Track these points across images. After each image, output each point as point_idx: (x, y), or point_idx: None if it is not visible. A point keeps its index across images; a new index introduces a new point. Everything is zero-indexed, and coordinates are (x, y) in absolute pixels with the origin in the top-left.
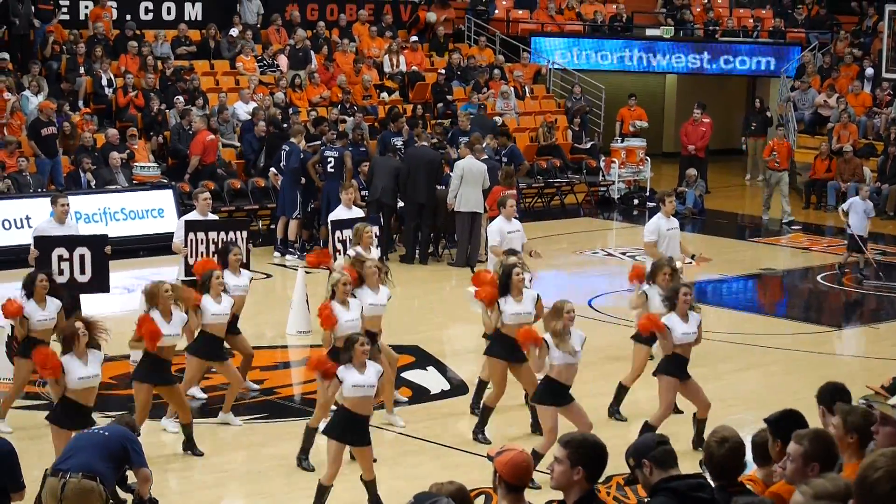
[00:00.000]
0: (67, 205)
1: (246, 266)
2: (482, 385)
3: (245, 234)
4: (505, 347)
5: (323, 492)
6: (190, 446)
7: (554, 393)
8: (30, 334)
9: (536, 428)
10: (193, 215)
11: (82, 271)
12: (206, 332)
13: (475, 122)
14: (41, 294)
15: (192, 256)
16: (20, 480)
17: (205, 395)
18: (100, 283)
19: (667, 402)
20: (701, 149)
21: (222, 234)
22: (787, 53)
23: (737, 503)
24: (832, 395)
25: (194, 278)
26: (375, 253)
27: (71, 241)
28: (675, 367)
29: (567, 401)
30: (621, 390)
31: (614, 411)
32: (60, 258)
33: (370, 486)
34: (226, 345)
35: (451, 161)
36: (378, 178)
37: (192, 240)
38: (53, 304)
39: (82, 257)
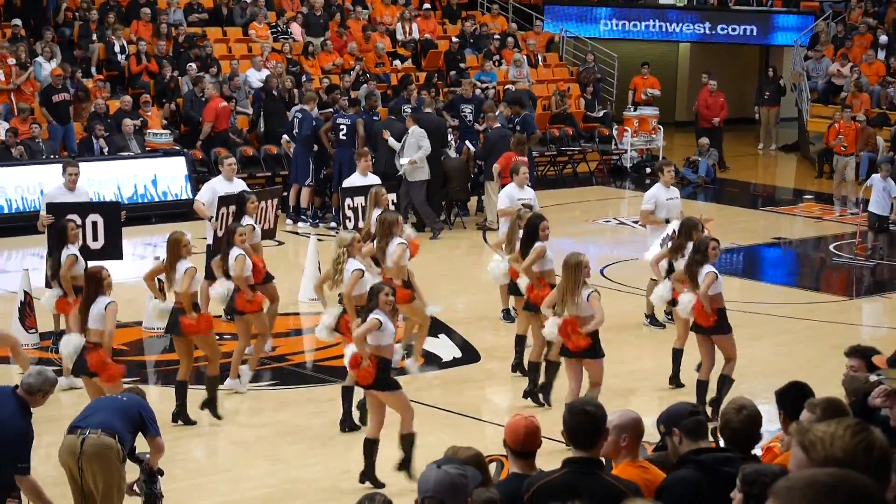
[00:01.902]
0: (76, 174)
1: (272, 234)
2: (521, 341)
3: (276, 201)
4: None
5: (370, 446)
6: (209, 406)
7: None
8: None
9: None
10: (218, 180)
11: (95, 238)
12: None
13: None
14: (75, 239)
15: (221, 230)
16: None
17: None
18: (113, 250)
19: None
20: (723, 119)
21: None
22: (801, 22)
23: (744, 469)
24: (795, 399)
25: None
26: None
27: (83, 208)
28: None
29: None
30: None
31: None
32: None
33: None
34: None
35: (450, 128)
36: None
37: (223, 213)
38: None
39: (95, 224)
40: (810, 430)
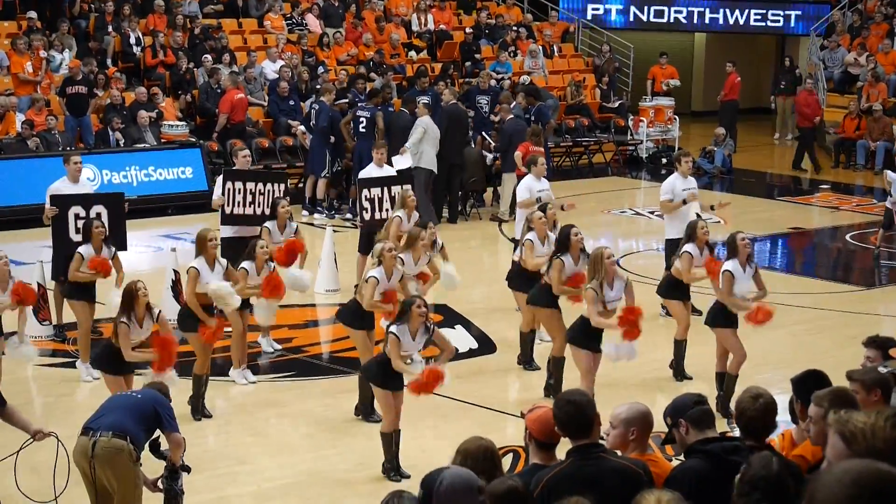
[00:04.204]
0: (80, 163)
1: (260, 220)
2: (525, 337)
3: (283, 186)
4: (547, 293)
5: (388, 440)
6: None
7: (588, 336)
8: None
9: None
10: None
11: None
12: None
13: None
14: (98, 240)
15: (228, 206)
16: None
17: (278, 346)
18: (118, 241)
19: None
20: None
21: (259, 185)
22: (818, 11)
23: (752, 461)
24: (812, 388)
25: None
26: (415, 216)
27: (87, 200)
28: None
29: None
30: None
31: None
32: (77, 216)
33: (395, 436)
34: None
35: (479, 119)
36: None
37: (229, 188)
38: (109, 251)
39: (99, 215)
40: (850, 421)
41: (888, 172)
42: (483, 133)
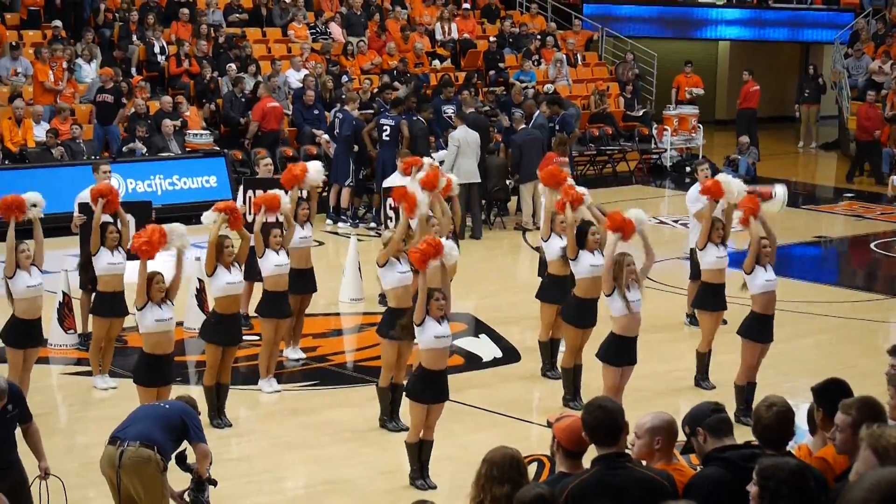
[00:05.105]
0: (110, 172)
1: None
2: (545, 346)
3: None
4: (579, 312)
5: (413, 450)
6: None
7: (618, 353)
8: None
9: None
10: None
11: (128, 237)
12: (267, 291)
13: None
14: (112, 243)
15: (250, 214)
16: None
17: (303, 355)
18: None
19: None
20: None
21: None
22: (841, 19)
23: (760, 463)
24: (833, 397)
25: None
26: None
27: None
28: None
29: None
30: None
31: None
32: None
33: (426, 446)
34: None
35: (502, 128)
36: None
37: (250, 197)
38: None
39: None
40: (883, 436)
41: (894, 178)
42: (503, 143)
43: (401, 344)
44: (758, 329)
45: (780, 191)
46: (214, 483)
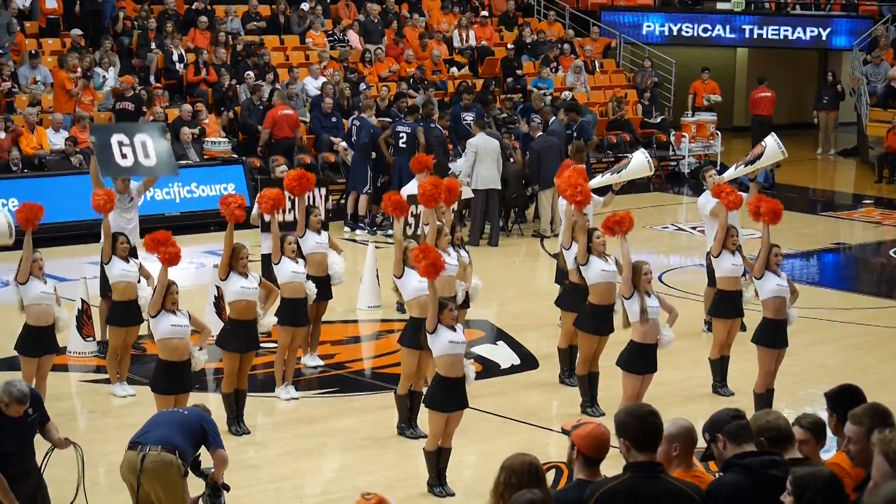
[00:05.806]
0: (129, 179)
1: (325, 225)
2: (564, 353)
3: (324, 191)
4: (594, 320)
5: (431, 458)
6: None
7: (640, 360)
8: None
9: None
10: None
11: (146, 155)
12: (285, 299)
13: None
14: (123, 253)
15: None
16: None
17: (321, 362)
18: (168, 168)
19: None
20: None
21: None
22: (860, 26)
23: (794, 472)
24: (848, 404)
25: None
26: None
27: (128, 130)
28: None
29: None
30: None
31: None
32: (121, 143)
33: (444, 454)
34: None
35: (521, 135)
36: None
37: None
38: (135, 264)
39: (144, 143)
40: (893, 441)
41: None
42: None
43: (421, 353)
44: (771, 335)
45: (769, 141)
46: (228, 488)
